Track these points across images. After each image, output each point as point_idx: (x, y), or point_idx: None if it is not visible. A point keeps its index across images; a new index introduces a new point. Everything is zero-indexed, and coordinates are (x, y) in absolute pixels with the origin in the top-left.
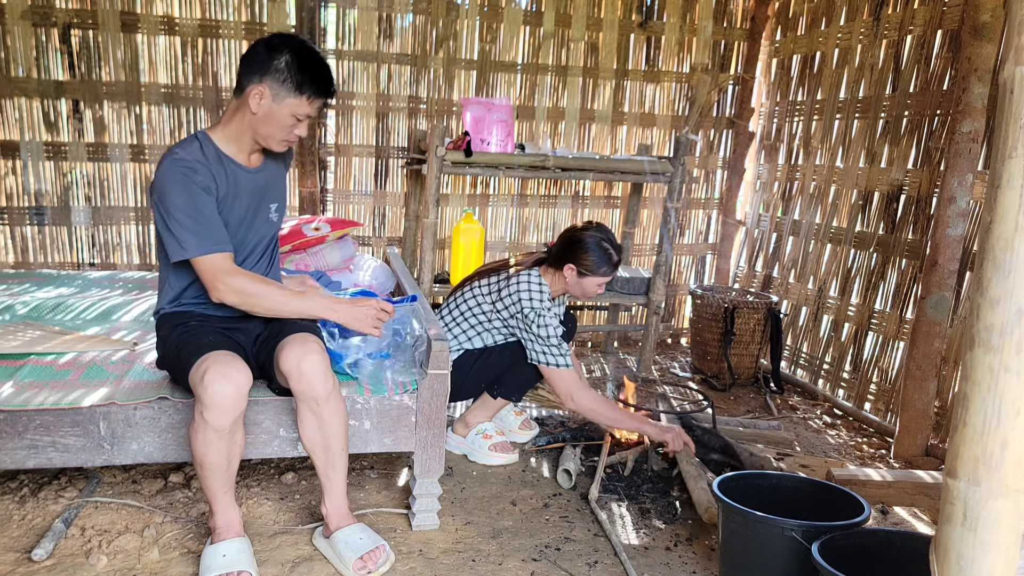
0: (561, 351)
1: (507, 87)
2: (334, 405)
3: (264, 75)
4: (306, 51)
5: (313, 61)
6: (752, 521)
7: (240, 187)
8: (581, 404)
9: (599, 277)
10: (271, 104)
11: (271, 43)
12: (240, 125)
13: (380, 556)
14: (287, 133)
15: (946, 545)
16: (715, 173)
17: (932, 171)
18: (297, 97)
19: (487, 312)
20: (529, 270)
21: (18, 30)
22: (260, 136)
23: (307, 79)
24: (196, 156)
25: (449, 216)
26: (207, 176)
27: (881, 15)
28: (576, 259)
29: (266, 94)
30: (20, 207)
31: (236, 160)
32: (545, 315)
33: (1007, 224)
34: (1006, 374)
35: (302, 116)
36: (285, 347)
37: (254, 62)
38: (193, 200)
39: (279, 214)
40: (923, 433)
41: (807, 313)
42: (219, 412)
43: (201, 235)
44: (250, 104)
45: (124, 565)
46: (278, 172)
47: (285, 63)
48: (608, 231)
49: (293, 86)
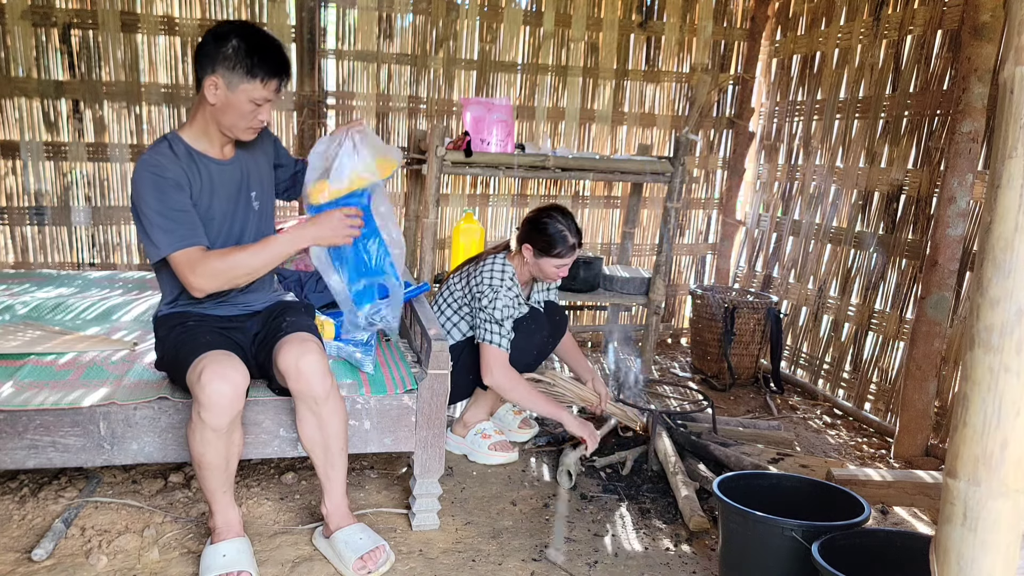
0: (501, 332)
1: (507, 87)
2: (333, 404)
3: (215, 65)
4: (254, 34)
5: (262, 43)
6: (752, 521)
7: (216, 181)
8: (498, 381)
9: (554, 259)
10: (227, 93)
11: (217, 32)
12: (204, 119)
13: (380, 556)
14: (249, 120)
15: (946, 545)
16: (715, 173)
17: (932, 171)
18: (250, 82)
19: (458, 299)
20: (496, 254)
21: (18, 30)
22: (224, 127)
23: (257, 62)
24: (165, 155)
25: (449, 216)
26: (177, 172)
27: (881, 15)
28: (532, 239)
29: (220, 84)
30: (20, 207)
31: (208, 155)
32: (500, 293)
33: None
34: (1006, 374)
35: (260, 100)
36: (283, 347)
37: (204, 54)
38: (164, 198)
39: (261, 201)
40: (923, 433)
41: (807, 313)
42: (216, 412)
43: (171, 231)
44: (207, 96)
45: (124, 565)
46: (255, 159)
47: (233, 49)
48: (566, 213)
49: (244, 71)
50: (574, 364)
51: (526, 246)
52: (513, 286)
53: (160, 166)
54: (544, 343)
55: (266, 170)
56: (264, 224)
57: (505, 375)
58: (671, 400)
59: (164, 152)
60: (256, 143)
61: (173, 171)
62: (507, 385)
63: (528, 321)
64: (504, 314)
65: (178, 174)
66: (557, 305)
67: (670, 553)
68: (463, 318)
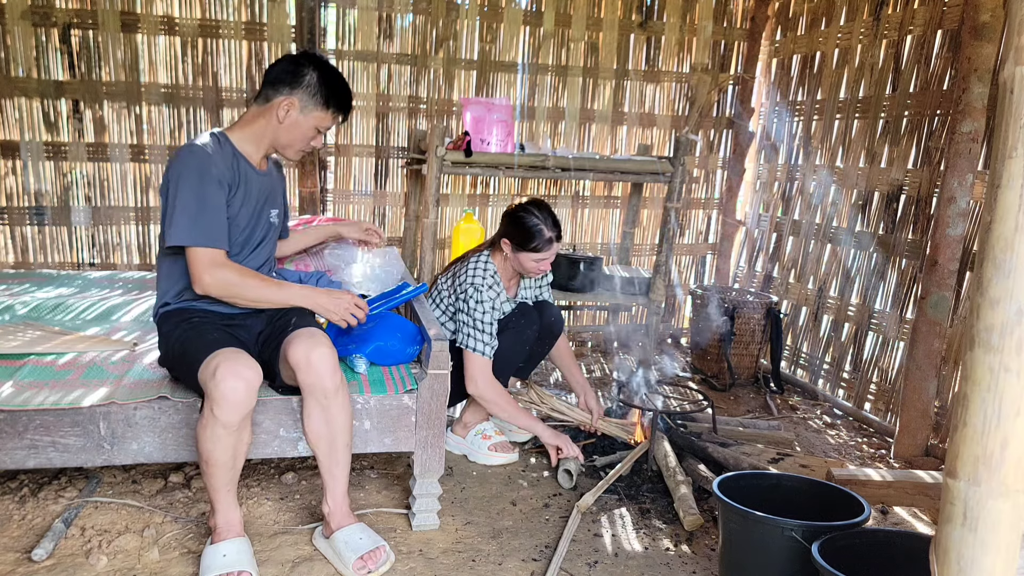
0: (484, 340)
1: (507, 87)
2: (342, 399)
3: (295, 88)
4: (331, 69)
5: (338, 79)
6: (752, 521)
7: (251, 186)
8: (481, 391)
9: (532, 252)
10: (298, 115)
11: (299, 60)
12: (262, 131)
13: (380, 556)
14: (306, 144)
15: (946, 545)
16: (715, 173)
17: (932, 171)
18: (324, 111)
19: (446, 300)
20: (479, 253)
21: (18, 30)
22: (280, 144)
23: (333, 95)
24: (215, 149)
25: (449, 216)
26: (223, 169)
27: (881, 15)
28: (509, 235)
29: (295, 106)
30: (20, 207)
31: (249, 161)
32: (483, 293)
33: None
34: (1006, 374)
35: (323, 128)
36: (293, 340)
37: (283, 74)
38: (204, 190)
39: (279, 220)
40: (923, 433)
41: (807, 313)
42: (230, 408)
43: (202, 225)
44: (277, 114)
45: (124, 565)
46: (278, 181)
47: (315, 79)
48: (543, 207)
49: (321, 100)
50: (567, 374)
51: (504, 241)
52: (495, 284)
53: (209, 157)
54: (535, 342)
55: (281, 200)
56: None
57: (489, 386)
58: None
59: (214, 147)
60: (279, 174)
61: (219, 166)
62: (489, 396)
63: (517, 317)
64: (487, 319)
65: (223, 171)
66: (552, 306)
67: (670, 553)
68: (451, 318)
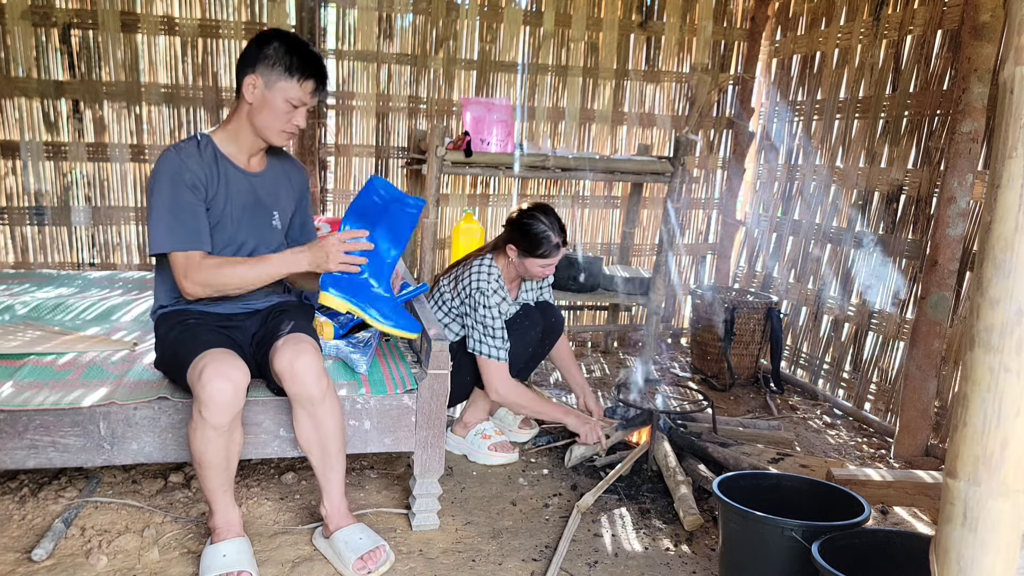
0: (496, 344)
1: (507, 87)
2: (329, 405)
3: (256, 64)
4: (294, 38)
5: (300, 45)
6: (752, 521)
7: (232, 187)
8: (505, 397)
9: (539, 259)
10: (264, 91)
11: (260, 37)
12: (239, 122)
13: (380, 556)
14: (284, 122)
15: (946, 545)
16: (715, 173)
17: (932, 171)
18: (288, 80)
19: (448, 302)
20: (483, 256)
21: (18, 30)
22: (257, 128)
23: (295, 61)
24: (189, 153)
25: (449, 216)
26: (196, 174)
27: (881, 15)
28: (515, 240)
29: (258, 82)
30: (20, 207)
31: (234, 162)
32: (489, 298)
33: (1007, 224)
34: (1006, 374)
35: (295, 101)
36: (279, 349)
37: (246, 57)
38: (176, 196)
39: (283, 223)
40: (923, 433)
41: (807, 313)
42: (217, 409)
43: (176, 231)
44: (245, 95)
45: (124, 565)
46: (282, 187)
47: (274, 49)
48: (549, 212)
49: (283, 69)
50: (567, 375)
51: (510, 247)
52: (500, 288)
53: (180, 163)
54: (538, 343)
55: (287, 204)
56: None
57: (511, 391)
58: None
59: (189, 150)
60: (287, 177)
61: (192, 171)
62: (512, 400)
63: (521, 319)
64: (497, 323)
65: (196, 174)
66: (553, 306)
67: (670, 553)
68: (454, 319)
